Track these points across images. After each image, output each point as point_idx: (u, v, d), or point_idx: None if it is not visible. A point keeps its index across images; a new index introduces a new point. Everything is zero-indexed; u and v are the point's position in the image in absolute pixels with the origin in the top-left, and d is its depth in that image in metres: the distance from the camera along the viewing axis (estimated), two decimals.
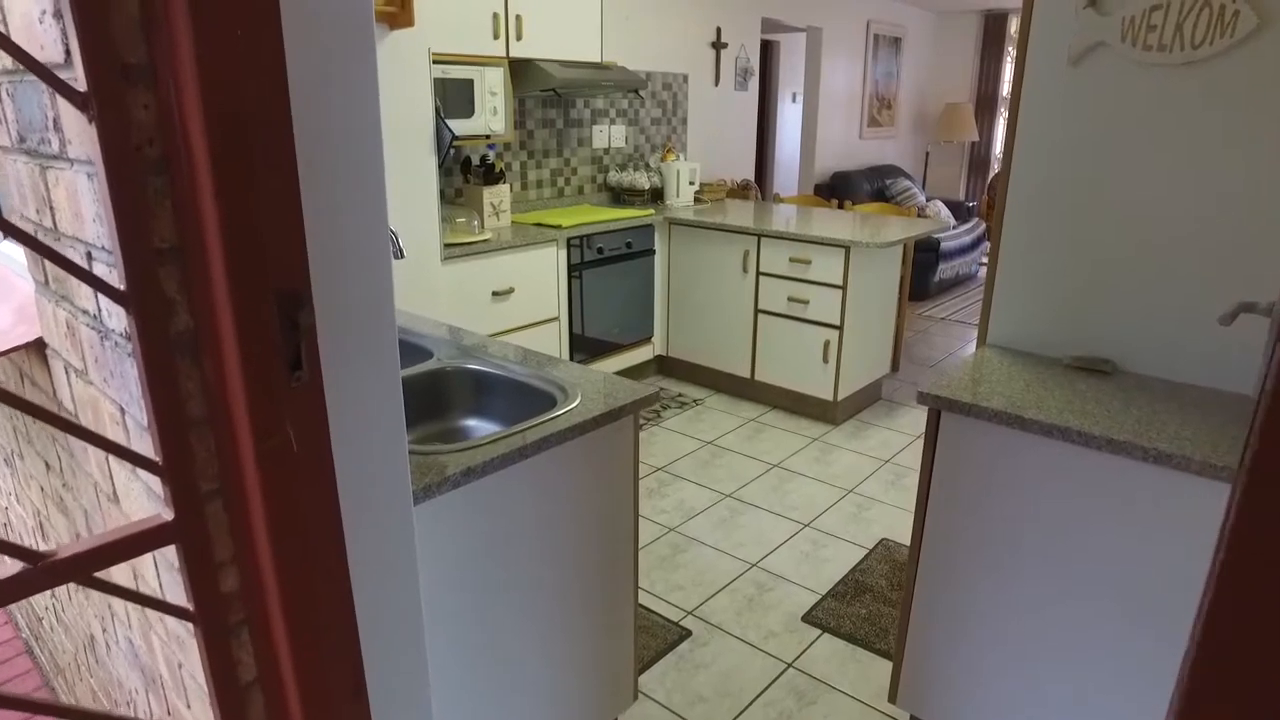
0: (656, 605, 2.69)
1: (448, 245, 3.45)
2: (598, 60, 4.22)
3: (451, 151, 3.23)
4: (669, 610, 2.67)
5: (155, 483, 0.89)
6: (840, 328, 3.94)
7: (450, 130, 3.18)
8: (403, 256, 1.73)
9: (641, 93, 5.00)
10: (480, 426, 1.90)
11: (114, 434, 1.00)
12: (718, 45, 5.60)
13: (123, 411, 0.95)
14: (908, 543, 3.05)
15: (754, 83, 6.06)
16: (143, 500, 0.99)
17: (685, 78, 5.39)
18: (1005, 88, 8.52)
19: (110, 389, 0.97)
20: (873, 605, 2.70)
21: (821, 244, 3.88)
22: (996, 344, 2.07)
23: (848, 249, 3.81)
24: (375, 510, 1.05)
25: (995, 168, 8.70)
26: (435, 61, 3.44)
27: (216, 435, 0.86)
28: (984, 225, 7.84)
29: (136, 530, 0.82)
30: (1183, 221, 1.77)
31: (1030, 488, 1.66)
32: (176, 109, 0.75)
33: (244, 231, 0.79)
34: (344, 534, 0.97)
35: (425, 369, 1.90)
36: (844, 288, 3.87)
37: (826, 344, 4.00)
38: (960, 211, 8.04)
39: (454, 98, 3.57)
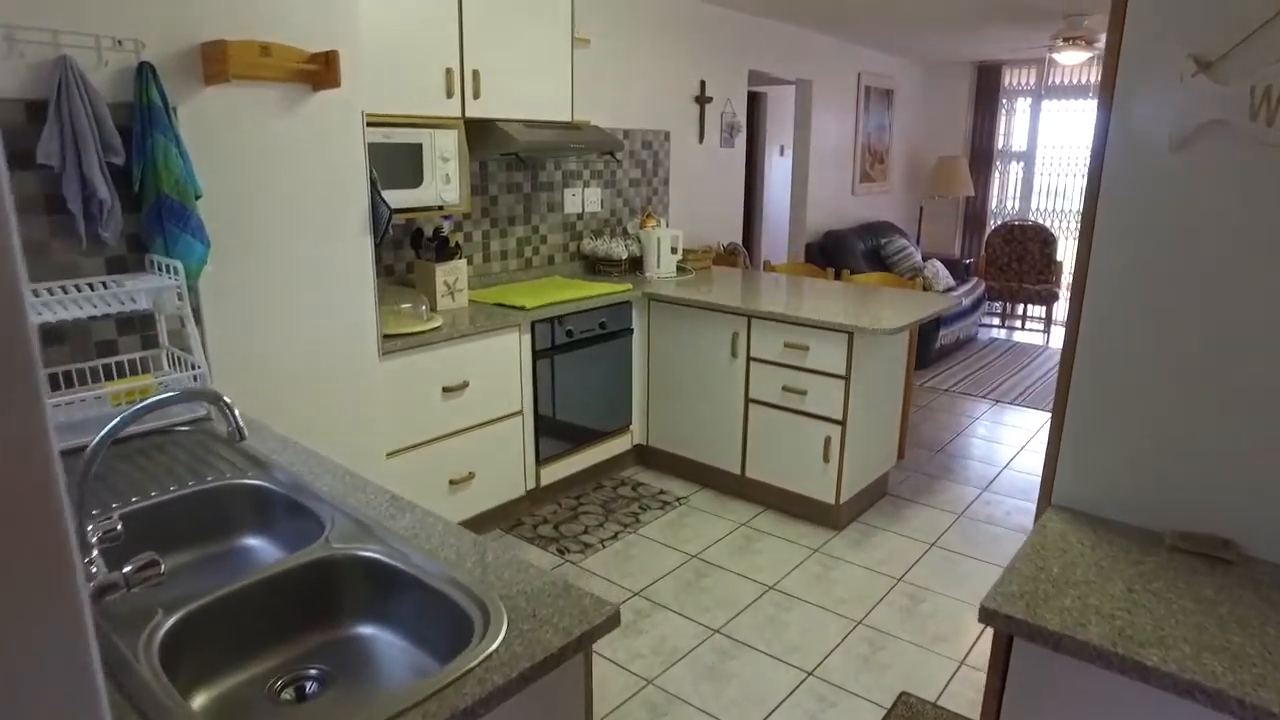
0: None
1: (389, 337, 2.95)
2: (568, 119, 3.78)
3: (390, 231, 2.75)
4: None
5: None
6: (843, 423, 3.45)
7: (386, 205, 2.70)
8: (242, 439, 1.23)
9: (618, 155, 4.56)
10: (379, 636, 1.39)
11: None
12: (702, 100, 5.19)
13: None
14: (933, 698, 2.54)
15: (741, 139, 5.65)
16: None
17: (667, 135, 4.96)
18: (1000, 140, 8.18)
19: None
20: None
21: (821, 328, 3.40)
22: (1067, 505, 1.58)
23: (851, 335, 3.33)
24: None
25: (992, 223, 8.33)
26: (373, 124, 2.97)
27: None
28: (983, 285, 7.43)
29: None
30: None
31: None
32: None
33: None
34: None
35: (307, 558, 1.39)
36: (847, 378, 3.39)
37: (827, 441, 3.50)
38: (957, 270, 7.64)
39: (398, 165, 3.10)
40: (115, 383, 1.98)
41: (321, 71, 2.41)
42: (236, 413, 1.20)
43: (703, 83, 5.17)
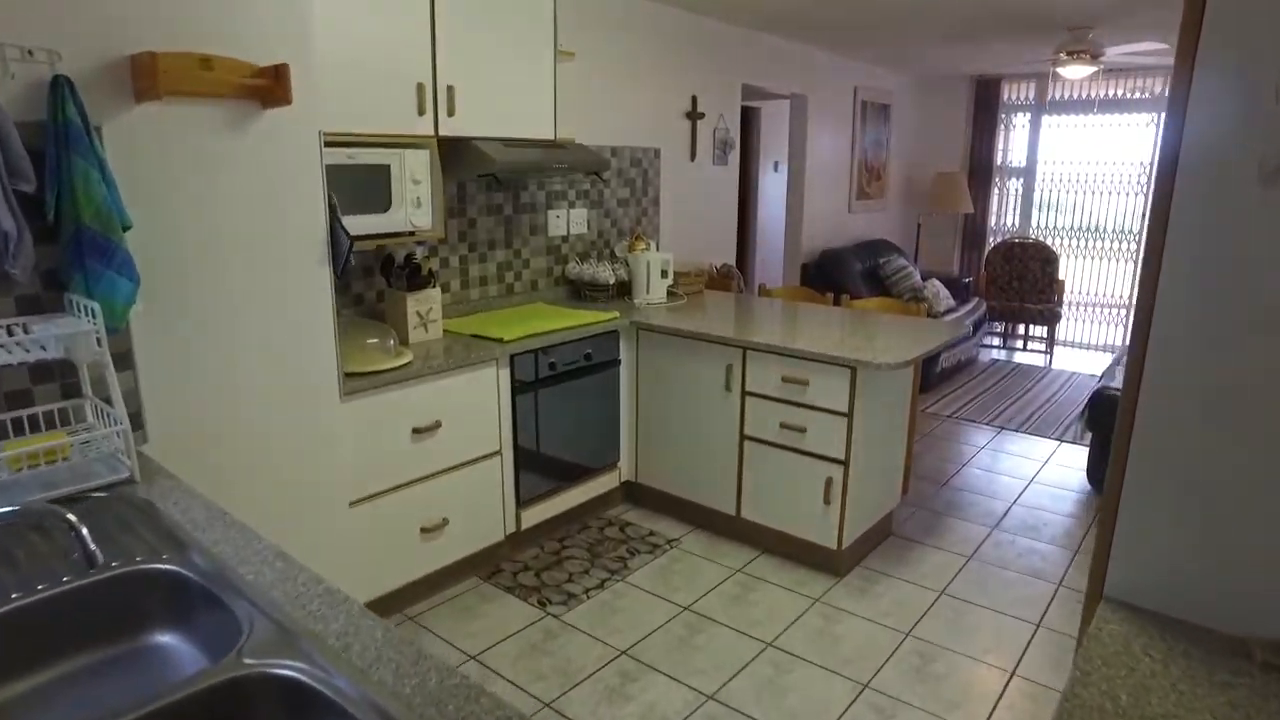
0: None
1: (352, 376, 2.71)
2: (550, 137, 3.55)
3: (351, 261, 2.51)
4: None
5: None
6: (845, 463, 3.21)
7: (346, 233, 2.46)
8: (93, 566, 0.99)
9: (604, 175, 4.33)
10: None
11: None
12: (694, 116, 4.98)
13: None
14: None
15: (734, 156, 5.43)
16: None
17: (657, 152, 4.73)
18: (999, 156, 7.98)
19: None
20: None
21: (822, 362, 3.17)
22: (1123, 600, 1.34)
23: (854, 370, 3.10)
24: None
25: (991, 240, 8.13)
26: (335, 144, 2.73)
27: None
28: (984, 305, 7.22)
29: None
30: None
31: None
32: None
33: None
34: None
35: (213, 679, 1.14)
36: (849, 415, 3.15)
37: (828, 482, 3.26)
38: (957, 289, 7.43)
39: (364, 188, 2.86)
40: (18, 442, 1.72)
41: (271, 87, 2.17)
42: (85, 532, 0.96)
43: (694, 98, 4.95)
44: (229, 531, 1.56)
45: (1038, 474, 4.61)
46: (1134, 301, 7.40)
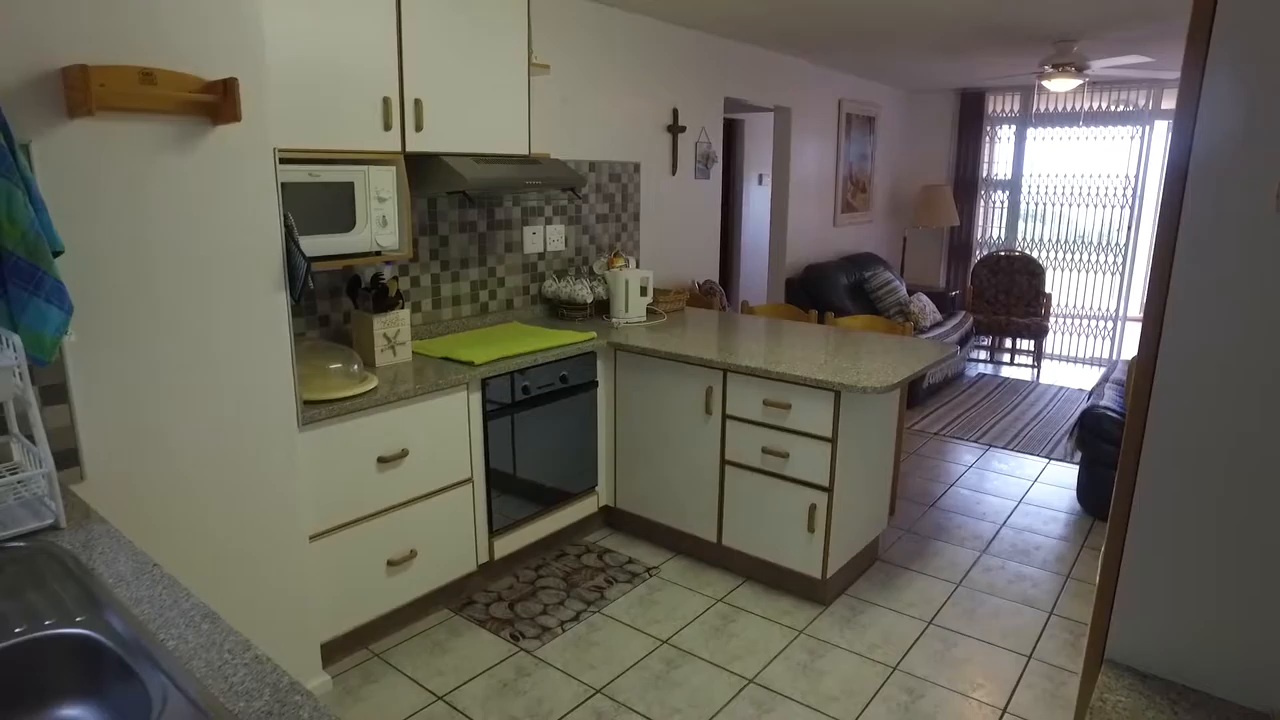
0: None
1: (313, 404, 2.58)
2: (524, 152, 3.43)
3: (310, 285, 2.38)
4: None
5: None
6: (829, 490, 3.09)
7: (303, 256, 2.33)
8: None
9: (579, 191, 4.21)
10: None
11: None
12: (675, 129, 4.88)
13: None
14: None
15: (717, 169, 5.33)
16: None
17: (637, 167, 4.63)
18: (985, 169, 7.93)
19: None
20: None
21: (804, 385, 3.06)
22: (1127, 663, 1.23)
23: (838, 393, 2.99)
24: None
25: (977, 253, 8.06)
26: (293, 161, 2.61)
27: None
28: (971, 319, 7.14)
29: None
30: None
31: None
32: None
33: None
34: None
35: None
36: (833, 440, 3.04)
37: (812, 509, 3.15)
38: (943, 303, 7.36)
39: (326, 207, 2.74)
40: None
41: (219, 103, 2.05)
42: None
43: (675, 110, 4.85)
44: (155, 588, 1.42)
45: (1026, 494, 4.51)
46: (1120, 313, 7.33)
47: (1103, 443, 4.04)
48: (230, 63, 2.09)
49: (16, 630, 1.27)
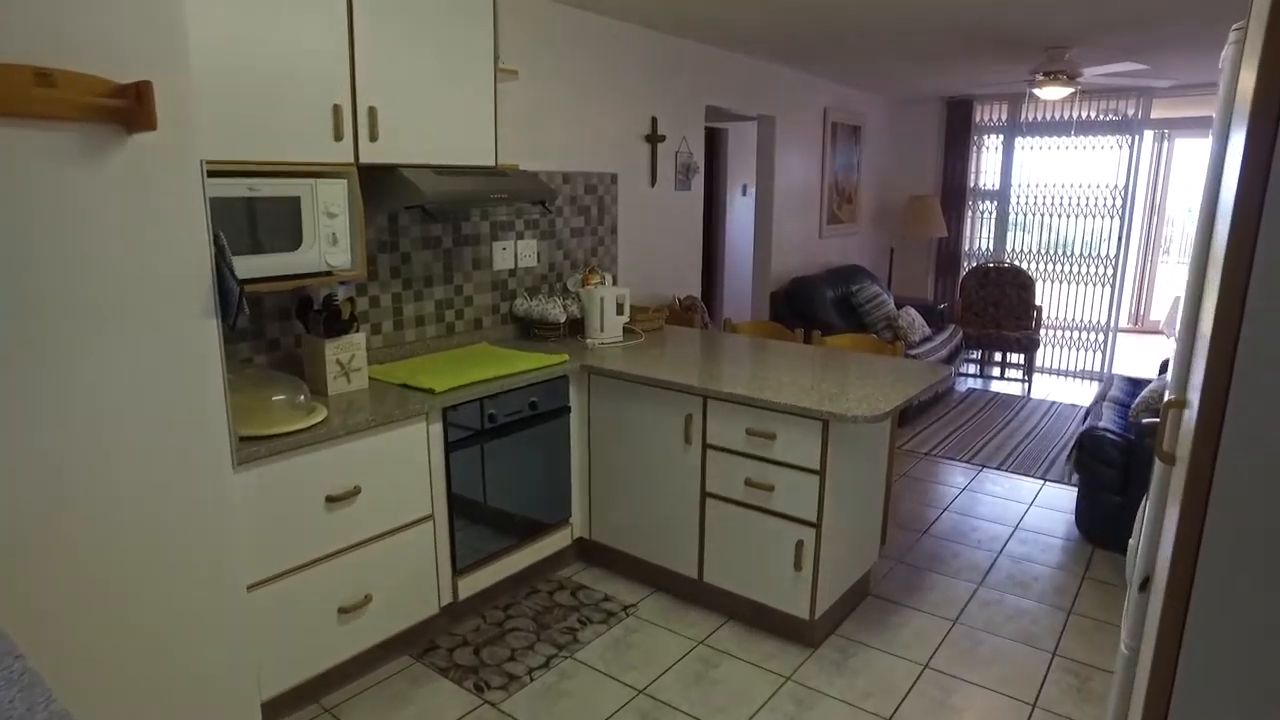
0: None
1: (251, 440, 2.34)
2: (491, 164, 3.22)
3: (246, 311, 2.15)
4: None
5: None
6: (818, 525, 2.88)
7: (235, 280, 2.10)
8: None
9: (550, 204, 3.99)
10: None
11: None
12: (654, 139, 4.67)
13: None
14: None
15: (698, 180, 5.13)
16: None
17: (614, 178, 4.42)
18: (972, 179, 7.77)
19: None
20: None
21: (791, 413, 2.85)
22: None
23: (826, 422, 2.78)
24: None
25: (966, 265, 7.89)
26: (229, 174, 2.38)
27: None
28: (960, 332, 6.97)
29: None
30: None
31: None
32: None
33: None
34: None
35: None
36: (822, 472, 2.83)
37: (799, 545, 2.93)
38: (932, 316, 7.18)
39: (270, 224, 2.51)
40: None
41: (132, 108, 1.83)
42: None
43: (654, 119, 4.65)
44: (8, 690, 1.19)
45: (1022, 519, 4.32)
46: (1111, 325, 7.14)
47: (1102, 466, 3.85)
48: (147, 65, 1.86)
49: None
